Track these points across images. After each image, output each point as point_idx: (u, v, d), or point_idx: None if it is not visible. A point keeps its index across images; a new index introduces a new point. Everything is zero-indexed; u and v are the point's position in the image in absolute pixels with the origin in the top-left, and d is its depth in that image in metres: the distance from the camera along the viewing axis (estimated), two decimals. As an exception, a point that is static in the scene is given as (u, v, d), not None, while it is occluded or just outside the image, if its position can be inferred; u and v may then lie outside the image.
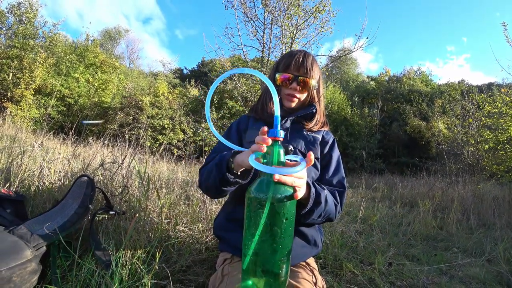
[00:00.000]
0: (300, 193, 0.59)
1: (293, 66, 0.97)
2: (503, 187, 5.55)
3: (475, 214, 3.60)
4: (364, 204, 3.07)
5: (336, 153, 1.03)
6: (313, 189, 0.75)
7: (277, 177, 0.54)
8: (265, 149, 0.58)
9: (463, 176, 7.05)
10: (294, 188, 0.58)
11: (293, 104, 1.00)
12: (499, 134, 7.59)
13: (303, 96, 1.00)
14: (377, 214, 3.04)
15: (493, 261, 2.02)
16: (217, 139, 0.75)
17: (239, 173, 0.76)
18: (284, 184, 0.57)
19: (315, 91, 1.01)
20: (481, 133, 8.71)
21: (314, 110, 1.02)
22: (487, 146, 8.18)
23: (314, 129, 1.02)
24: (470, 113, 9.70)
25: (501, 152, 7.46)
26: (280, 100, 0.99)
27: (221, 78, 0.66)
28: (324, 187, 0.84)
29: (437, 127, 11.88)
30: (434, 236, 2.72)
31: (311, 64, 0.97)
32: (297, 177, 0.59)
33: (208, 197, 2.01)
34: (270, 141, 0.58)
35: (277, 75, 0.99)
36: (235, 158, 0.74)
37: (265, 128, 0.59)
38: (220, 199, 2.07)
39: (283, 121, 0.98)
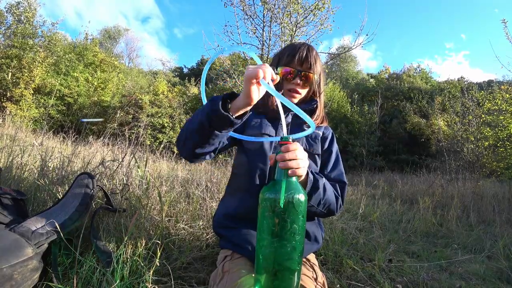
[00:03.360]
0: (302, 171, 0.63)
1: (297, 60, 0.94)
2: (503, 184, 5.56)
3: (475, 211, 3.60)
4: (364, 201, 3.08)
5: (335, 148, 1.03)
6: (310, 175, 0.77)
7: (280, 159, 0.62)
8: (267, 77, 0.64)
9: (463, 173, 7.04)
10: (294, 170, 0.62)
11: (295, 100, 0.99)
12: (499, 131, 7.60)
13: (305, 91, 0.99)
14: (377, 211, 3.04)
15: (493, 257, 2.02)
16: None
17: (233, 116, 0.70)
18: (286, 164, 0.61)
19: (316, 85, 0.99)
20: (481, 130, 8.71)
21: (315, 105, 1.01)
22: (487, 143, 8.19)
23: None
24: (470, 110, 9.69)
25: (501, 149, 7.48)
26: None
27: (215, 57, 0.79)
28: (322, 176, 0.85)
29: (437, 125, 11.87)
30: (434, 232, 2.72)
31: (314, 58, 0.95)
32: (299, 158, 0.63)
33: (208, 195, 2.01)
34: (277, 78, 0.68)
35: (279, 69, 0.97)
36: (234, 100, 0.70)
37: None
38: (219, 196, 2.07)
39: (284, 116, 0.97)
